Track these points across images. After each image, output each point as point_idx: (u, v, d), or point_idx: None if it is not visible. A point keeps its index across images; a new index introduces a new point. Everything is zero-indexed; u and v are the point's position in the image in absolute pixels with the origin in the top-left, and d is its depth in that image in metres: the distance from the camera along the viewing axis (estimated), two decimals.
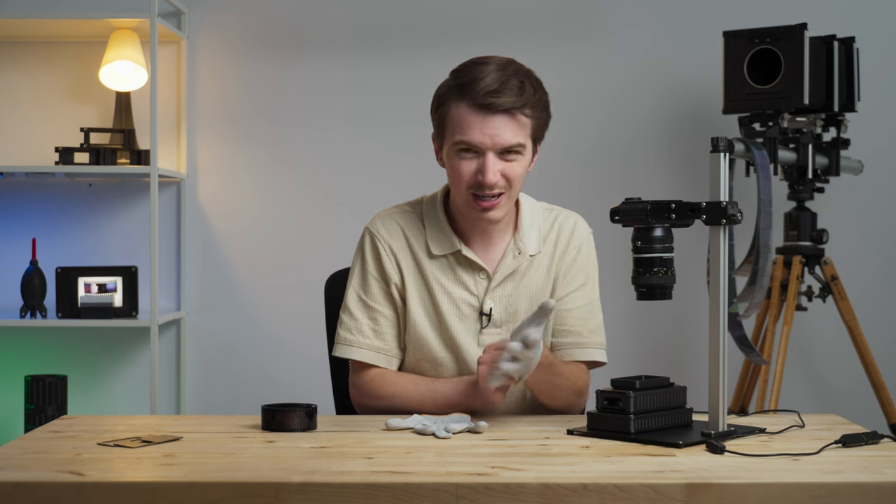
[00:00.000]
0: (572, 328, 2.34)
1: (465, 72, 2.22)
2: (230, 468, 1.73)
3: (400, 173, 3.94)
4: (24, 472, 1.71)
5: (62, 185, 3.97)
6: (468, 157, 2.20)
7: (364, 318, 2.32)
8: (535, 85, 2.22)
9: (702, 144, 3.86)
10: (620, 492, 1.60)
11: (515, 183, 2.23)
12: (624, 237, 2.13)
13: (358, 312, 2.32)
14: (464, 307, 2.30)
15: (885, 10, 3.95)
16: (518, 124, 2.19)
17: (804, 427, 2.07)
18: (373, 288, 2.33)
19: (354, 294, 2.34)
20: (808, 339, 3.94)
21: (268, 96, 4.00)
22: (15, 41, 3.98)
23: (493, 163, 2.19)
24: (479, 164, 2.19)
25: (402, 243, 2.34)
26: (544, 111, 2.25)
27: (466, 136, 2.19)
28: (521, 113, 2.19)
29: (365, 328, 2.31)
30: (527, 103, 2.19)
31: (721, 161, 1.97)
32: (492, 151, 2.18)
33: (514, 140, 2.18)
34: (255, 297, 4.00)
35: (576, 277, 2.35)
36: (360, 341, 2.31)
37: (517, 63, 2.24)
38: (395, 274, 2.32)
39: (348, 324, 2.33)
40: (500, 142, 2.18)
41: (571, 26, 3.97)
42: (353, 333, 2.32)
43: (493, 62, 2.21)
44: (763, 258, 3.05)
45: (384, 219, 2.37)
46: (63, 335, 3.97)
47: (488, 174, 2.18)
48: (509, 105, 2.17)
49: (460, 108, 2.19)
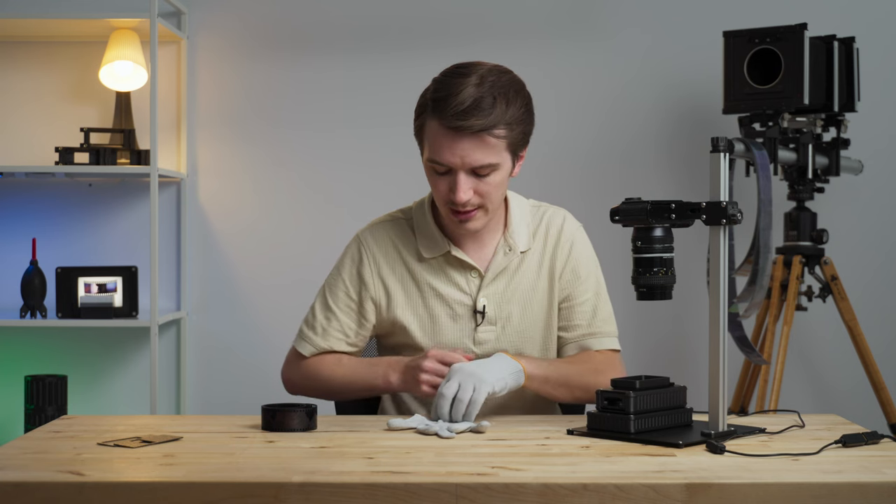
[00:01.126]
0: (582, 322, 2.35)
1: (442, 85, 2.19)
2: (230, 468, 1.73)
3: (399, 174, 3.94)
4: (24, 472, 1.71)
5: (62, 185, 3.97)
6: (442, 174, 2.21)
7: (321, 318, 2.38)
8: (510, 99, 2.17)
9: (702, 144, 3.86)
10: (620, 492, 1.60)
11: (491, 196, 2.22)
12: (624, 237, 2.13)
13: (318, 310, 2.39)
14: (457, 307, 2.31)
15: (885, 10, 3.95)
16: (487, 145, 2.17)
17: (804, 427, 2.07)
18: (339, 293, 2.38)
19: (321, 293, 2.41)
20: (808, 339, 3.94)
21: (268, 96, 4.00)
22: (15, 41, 3.98)
23: (464, 181, 2.18)
24: (451, 181, 2.20)
25: (391, 252, 2.35)
26: (520, 124, 2.20)
27: (437, 156, 2.19)
28: (491, 134, 2.16)
29: (318, 326, 2.37)
30: (498, 122, 2.15)
31: (721, 161, 1.97)
32: (462, 171, 2.18)
33: (484, 160, 2.17)
34: (254, 298, 4.00)
35: (575, 274, 2.36)
36: (309, 336, 2.38)
37: (499, 73, 2.20)
38: (375, 286, 2.35)
39: (309, 319, 2.40)
40: (470, 162, 2.17)
41: (572, 27, 3.97)
42: (307, 328, 2.39)
43: (474, 74, 2.17)
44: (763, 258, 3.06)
45: (374, 228, 2.40)
46: (63, 335, 3.97)
47: (459, 193, 2.18)
48: (479, 127, 2.14)
49: (433, 126, 2.19)
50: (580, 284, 2.36)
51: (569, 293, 2.35)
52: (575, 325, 2.35)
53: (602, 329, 2.36)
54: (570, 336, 2.35)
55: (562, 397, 2.27)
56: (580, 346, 2.35)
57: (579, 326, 2.35)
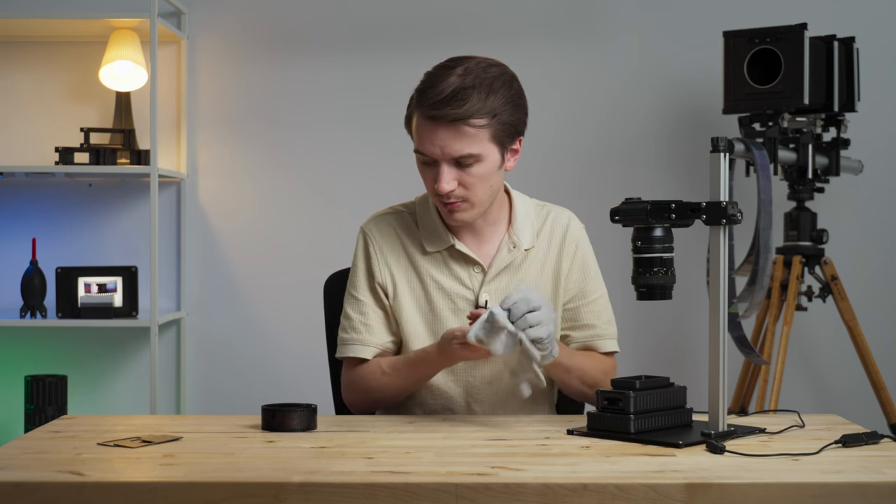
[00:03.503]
0: (589, 322, 2.36)
1: (428, 76, 2.21)
2: (230, 468, 1.73)
3: (398, 174, 3.94)
4: (24, 472, 1.71)
5: (62, 185, 3.97)
6: (428, 165, 2.22)
7: (355, 315, 2.34)
8: (493, 90, 2.17)
9: (702, 144, 3.86)
10: (620, 492, 1.60)
11: (475, 188, 2.22)
12: (624, 237, 2.13)
13: (351, 311, 2.35)
14: (459, 301, 2.31)
15: (885, 10, 3.95)
16: (465, 135, 2.17)
17: (804, 427, 2.07)
18: (362, 284, 2.35)
19: (348, 294, 2.38)
20: (808, 339, 3.94)
21: (268, 96, 4.00)
22: (15, 41, 3.98)
23: (446, 172, 2.19)
24: (435, 172, 2.21)
25: (395, 243, 2.35)
26: (506, 114, 2.19)
27: (420, 146, 2.21)
28: (468, 124, 2.16)
29: (356, 324, 2.34)
30: (477, 112, 2.15)
31: (721, 161, 1.97)
32: (444, 162, 2.19)
33: (463, 150, 2.17)
34: (254, 298, 4.00)
35: (582, 273, 2.37)
36: (352, 338, 2.33)
37: (487, 66, 2.19)
38: (383, 273, 2.34)
39: (344, 324, 2.36)
40: (450, 152, 2.18)
41: (571, 27, 3.97)
42: (347, 332, 2.35)
43: (460, 66, 2.18)
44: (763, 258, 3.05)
45: (377, 219, 2.40)
46: (63, 335, 3.97)
47: (441, 183, 2.19)
48: (454, 116, 2.15)
49: (417, 117, 2.22)
50: (589, 282, 2.37)
51: (576, 293, 2.36)
52: (585, 324, 2.36)
53: (608, 331, 2.38)
54: (580, 335, 2.36)
55: (573, 388, 2.29)
56: (588, 345, 2.36)
57: (590, 326, 2.36)
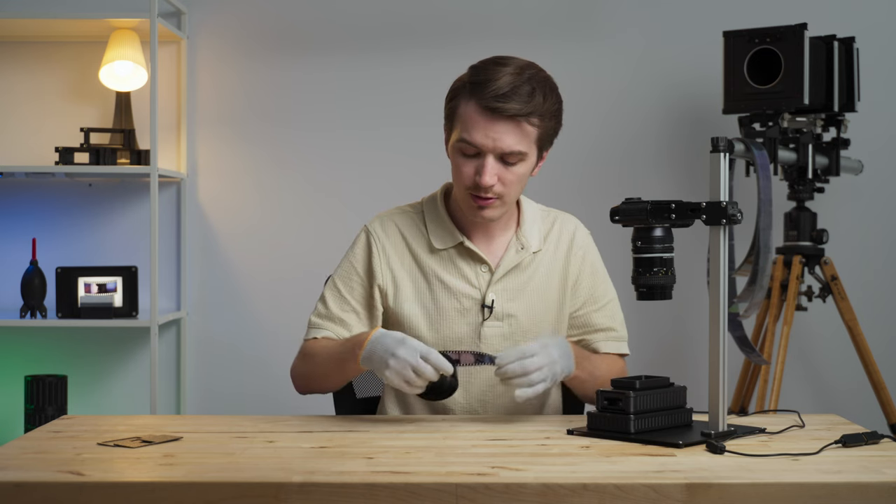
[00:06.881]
0: (603, 325, 2.38)
1: (481, 70, 2.22)
2: (230, 468, 1.73)
3: (400, 174, 3.94)
4: (24, 472, 1.71)
5: (62, 185, 3.97)
6: (470, 156, 2.22)
7: (335, 307, 2.34)
8: (547, 93, 2.21)
9: (702, 144, 3.86)
10: (620, 492, 1.60)
11: (513, 187, 2.23)
12: (624, 237, 2.13)
13: (330, 301, 2.35)
14: (465, 301, 2.31)
15: (885, 10, 3.95)
16: (522, 132, 2.19)
17: (804, 427, 2.07)
18: (351, 282, 2.35)
19: (333, 284, 2.37)
20: (808, 339, 3.94)
21: (268, 96, 4.00)
22: (15, 41, 3.98)
23: (491, 165, 2.20)
24: (478, 164, 2.21)
25: (399, 243, 2.35)
26: (552, 120, 2.23)
27: (470, 136, 2.20)
28: (527, 121, 2.18)
29: (333, 314, 2.34)
30: (534, 112, 2.18)
31: (721, 161, 1.97)
32: (492, 154, 2.19)
33: (515, 147, 2.19)
34: (255, 298, 4.00)
35: (592, 279, 2.39)
36: (323, 325, 2.33)
37: (536, 68, 2.23)
38: (384, 274, 2.34)
39: (320, 310, 2.36)
40: (502, 146, 2.18)
41: (571, 27, 3.97)
42: (321, 319, 2.35)
43: (512, 64, 2.20)
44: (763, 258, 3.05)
45: (383, 219, 2.40)
46: (63, 335, 3.97)
47: (485, 176, 2.19)
48: (515, 112, 2.17)
49: (469, 107, 2.20)
50: (599, 286, 2.39)
51: (587, 298, 2.38)
52: (599, 328, 2.38)
53: (622, 333, 2.41)
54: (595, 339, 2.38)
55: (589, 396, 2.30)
56: (603, 348, 2.38)
57: (605, 329, 2.38)
